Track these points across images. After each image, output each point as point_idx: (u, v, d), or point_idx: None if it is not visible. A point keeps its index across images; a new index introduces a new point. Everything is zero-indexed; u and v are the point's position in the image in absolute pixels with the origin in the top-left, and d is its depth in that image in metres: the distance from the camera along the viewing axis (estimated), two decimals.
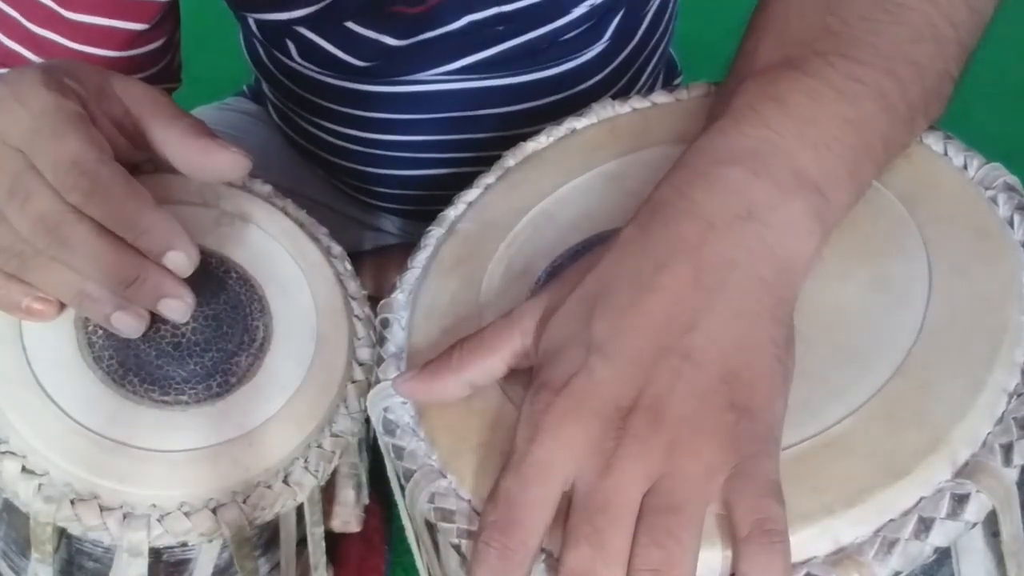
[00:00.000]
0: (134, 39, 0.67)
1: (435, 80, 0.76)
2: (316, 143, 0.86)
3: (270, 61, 0.82)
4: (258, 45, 0.82)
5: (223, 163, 0.53)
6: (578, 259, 0.46)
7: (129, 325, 0.49)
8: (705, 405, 0.39)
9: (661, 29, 0.83)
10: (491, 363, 0.45)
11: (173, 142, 0.53)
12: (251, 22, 0.78)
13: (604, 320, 0.41)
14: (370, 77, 0.77)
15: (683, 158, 0.45)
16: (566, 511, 0.39)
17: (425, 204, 0.84)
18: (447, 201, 0.56)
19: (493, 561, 0.39)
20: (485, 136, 0.80)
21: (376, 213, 0.92)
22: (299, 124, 0.86)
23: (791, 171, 0.43)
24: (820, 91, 0.45)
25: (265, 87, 0.88)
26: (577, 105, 0.78)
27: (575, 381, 0.40)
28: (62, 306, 0.50)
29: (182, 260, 0.49)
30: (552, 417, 0.40)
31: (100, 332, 0.51)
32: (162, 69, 0.71)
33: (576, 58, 0.77)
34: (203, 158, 0.53)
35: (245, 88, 0.97)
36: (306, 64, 0.77)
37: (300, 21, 0.74)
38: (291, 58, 0.78)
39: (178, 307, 0.50)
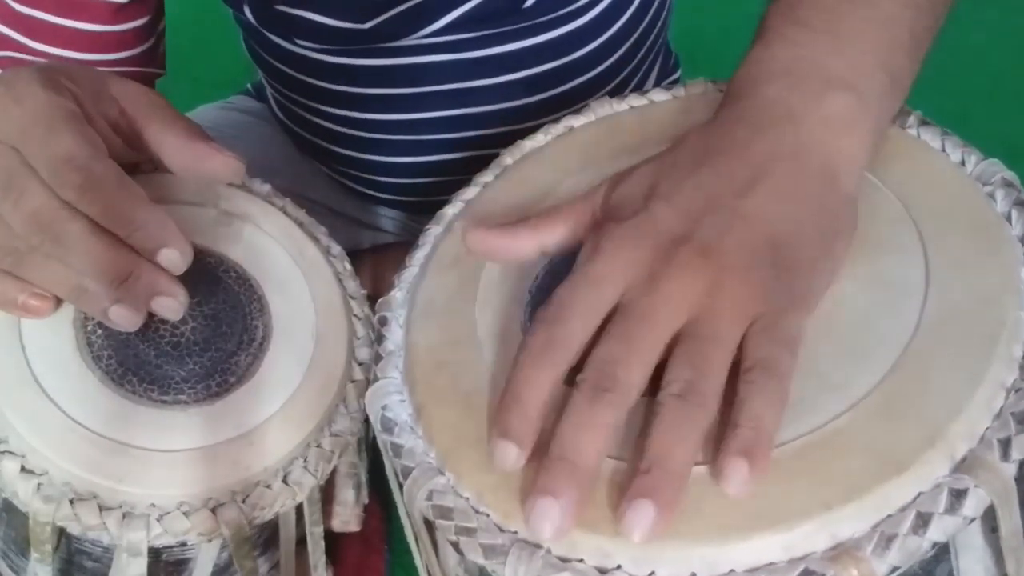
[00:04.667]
0: (117, 12, 0.68)
1: (425, 49, 0.76)
2: (316, 132, 0.86)
3: (263, 48, 0.82)
4: (250, 34, 0.82)
5: (217, 167, 0.53)
6: (575, 257, 0.46)
7: (127, 318, 0.49)
8: (750, 257, 0.42)
9: (657, 4, 0.83)
10: (564, 230, 0.48)
11: (168, 145, 0.53)
12: (247, 12, 0.78)
13: (667, 180, 0.45)
14: (359, 47, 0.77)
15: (727, 88, 0.50)
16: None
17: (427, 194, 0.84)
18: (448, 190, 0.56)
19: (536, 348, 0.42)
20: (482, 111, 0.80)
21: (375, 211, 0.92)
22: (298, 113, 0.86)
23: (822, 78, 0.47)
24: (835, 5, 0.49)
25: (264, 79, 0.88)
26: (571, 74, 0.77)
27: (637, 216, 0.44)
28: (58, 302, 0.51)
29: (175, 257, 0.49)
30: (611, 240, 0.44)
31: (99, 332, 0.51)
32: (147, 50, 0.72)
33: (568, 24, 0.77)
34: (197, 162, 0.53)
35: (249, 86, 0.97)
36: (302, 43, 0.77)
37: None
38: (284, 37, 0.78)
39: (172, 305, 0.50)
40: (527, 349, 0.42)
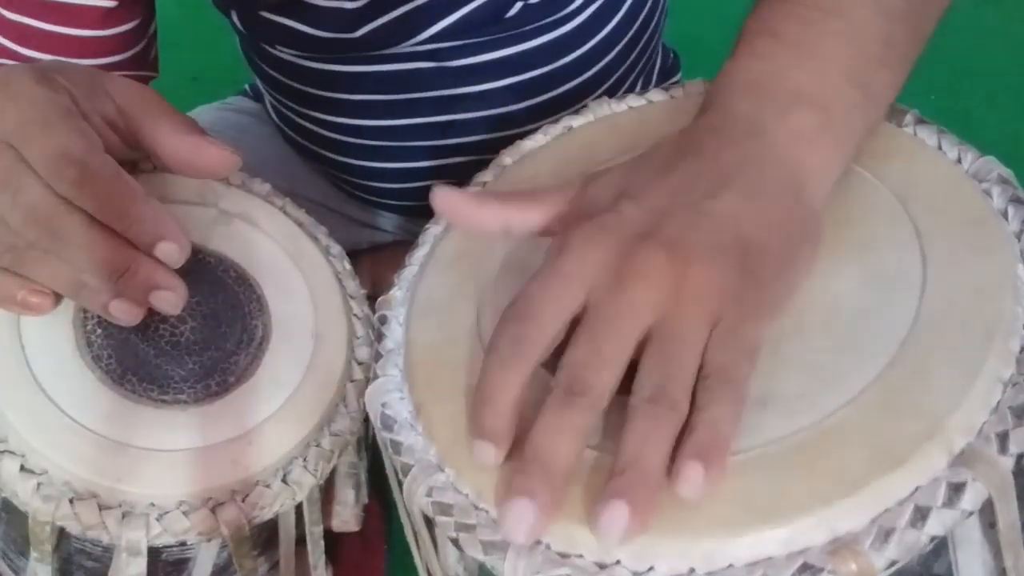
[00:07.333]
0: (106, 17, 0.68)
1: (408, 57, 0.76)
2: (311, 138, 0.86)
3: (253, 52, 0.82)
4: (240, 37, 0.82)
5: (213, 160, 0.53)
6: None
7: (127, 312, 0.49)
8: (718, 257, 0.42)
9: (648, 9, 0.82)
10: (532, 214, 0.48)
11: (164, 139, 0.53)
12: (234, 17, 0.78)
13: (637, 181, 0.45)
14: (347, 55, 0.77)
15: (704, 98, 0.50)
16: None
17: (420, 199, 0.84)
18: None
19: (504, 347, 0.42)
20: (470, 117, 0.79)
21: (374, 212, 0.92)
22: (293, 119, 0.86)
23: (788, 92, 0.47)
24: (807, 15, 0.49)
25: (259, 83, 0.88)
26: (559, 81, 0.77)
27: (604, 215, 0.44)
28: (58, 299, 0.51)
29: (172, 250, 0.49)
30: (578, 237, 0.43)
31: (98, 331, 0.51)
32: (139, 54, 0.72)
33: (552, 32, 0.76)
34: (193, 155, 0.53)
35: (247, 87, 0.97)
36: (284, 50, 0.77)
37: (262, 6, 0.74)
38: (272, 46, 0.78)
39: (170, 299, 0.50)
40: (495, 349, 0.42)
